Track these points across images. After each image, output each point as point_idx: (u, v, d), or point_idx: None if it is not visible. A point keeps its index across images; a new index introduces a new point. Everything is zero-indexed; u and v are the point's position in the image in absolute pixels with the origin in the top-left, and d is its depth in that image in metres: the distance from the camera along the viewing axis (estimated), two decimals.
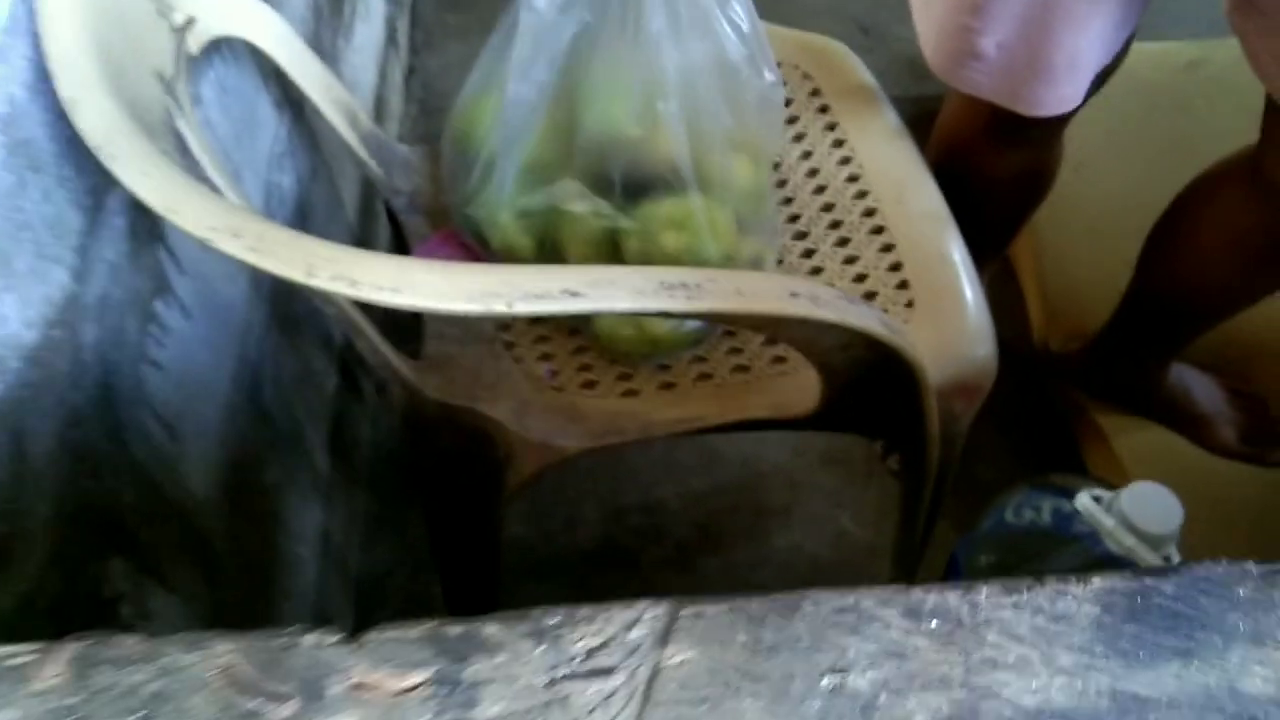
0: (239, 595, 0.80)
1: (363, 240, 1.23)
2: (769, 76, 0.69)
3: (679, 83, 0.69)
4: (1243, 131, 1.44)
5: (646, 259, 0.72)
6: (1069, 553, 0.78)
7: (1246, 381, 1.24)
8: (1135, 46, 1.02)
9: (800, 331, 0.58)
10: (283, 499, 0.93)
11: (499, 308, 0.47)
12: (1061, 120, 1.03)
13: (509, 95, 0.73)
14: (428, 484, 0.83)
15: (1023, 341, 1.33)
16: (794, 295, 0.52)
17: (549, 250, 0.77)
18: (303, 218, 1.00)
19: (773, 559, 1.17)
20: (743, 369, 0.80)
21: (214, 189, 0.61)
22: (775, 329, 0.65)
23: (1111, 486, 0.84)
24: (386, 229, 1.30)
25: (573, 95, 0.74)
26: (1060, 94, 0.89)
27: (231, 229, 0.46)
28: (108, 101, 0.51)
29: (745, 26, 0.66)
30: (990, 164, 1.07)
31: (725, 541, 1.18)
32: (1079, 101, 0.91)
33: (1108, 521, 0.72)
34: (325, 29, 1.15)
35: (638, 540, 1.19)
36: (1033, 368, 1.30)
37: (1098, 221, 1.36)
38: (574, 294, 0.48)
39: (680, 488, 1.22)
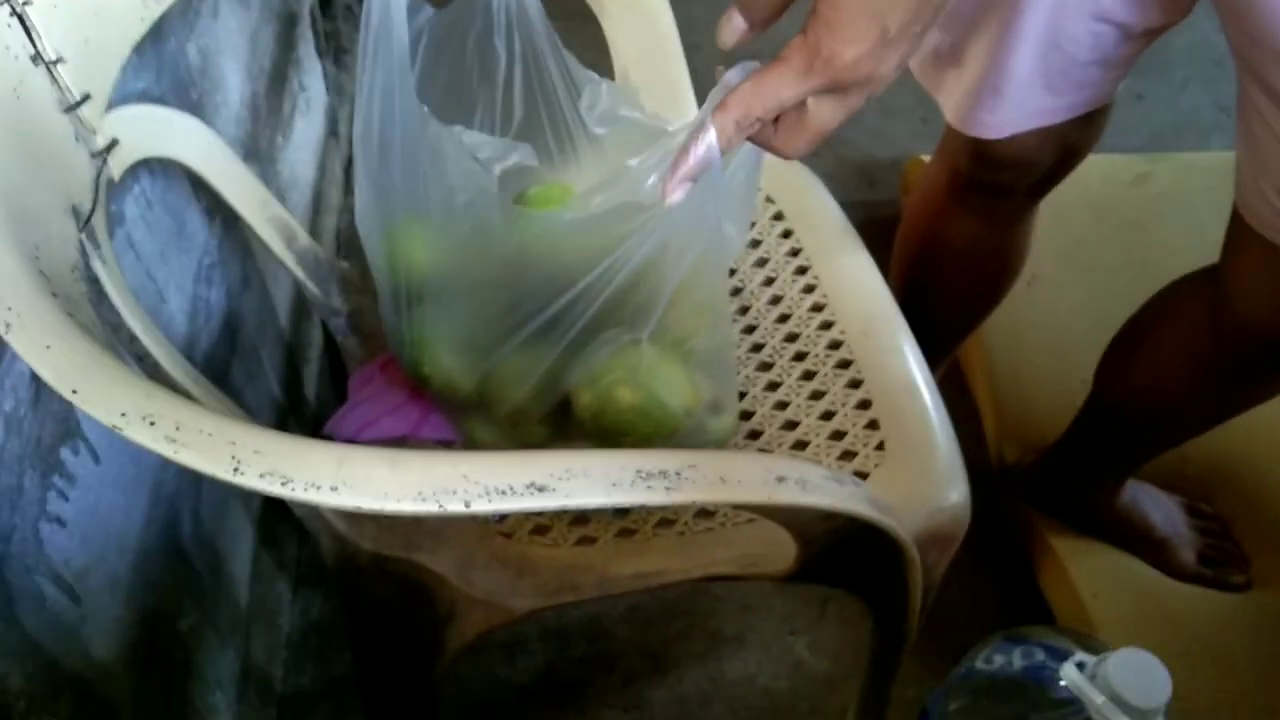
0: None
1: (295, 347, 1.16)
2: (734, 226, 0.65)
3: (642, 224, 0.64)
4: (1192, 246, 1.44)
5: (599, 415, 0.67)
6: (1053, 718, 0.73)
7: (1207, 500, 1.23)
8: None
9: (782, 510, 0.54)
10: (199, 644, 0.85)
11: (455, 508, 0.41)
12: (1018, 199, 1.02)
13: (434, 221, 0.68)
14: (359, 639, 0.76)
15: (980, 456, 1.30)
16: (780, 480, 0.48)
17: (492, 395, 0.71)
18: (231, 333, 0.93)
19: (725, 692, 1.10)
20: (707, 514, 0.75)
21: (132, 337, 0.55)
22: (755, 509, 0.60)
23: (1083, 638, 0.81)
24: (321, 331, 1.24)
25: (520, 230, 0.68)
26: (980, 118, 0.89)
27: (145, 414, 0.40)
28: (8, 256, 0.45)
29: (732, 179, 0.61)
30: (953, 232, 1.07)
31: (676, 671, 1.12)
32: (998, 135, 0.90)
33: (1096, 697, 0.67)
34: (263, 128, 1.09)
35: (583, 670, 1.12)
36: (991, 482, 1.27)
37: (1051, 334, 1.35)
38: (540, 489, 0.43)
39: (629, 611, 1.16)
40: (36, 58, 0.56)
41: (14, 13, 0.54)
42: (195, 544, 0.85)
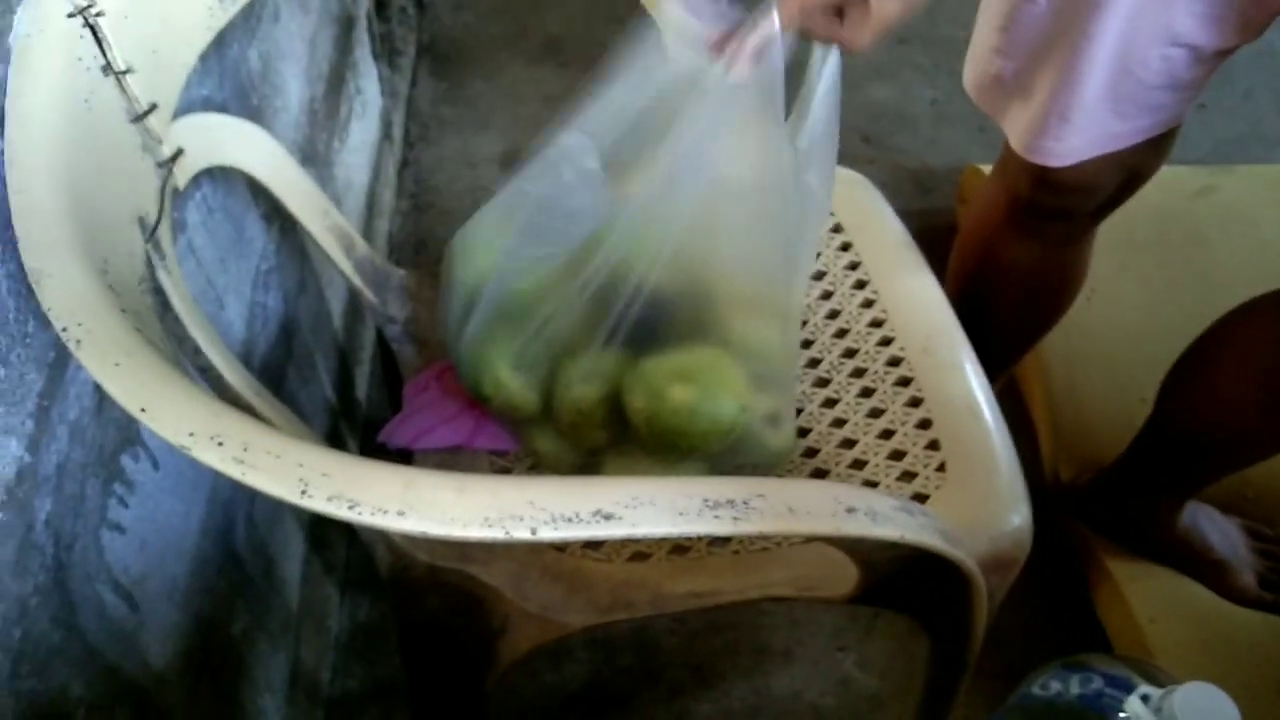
0: None
1: (348, 349, 1.16)
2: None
3: (706, 226, 0.64)
4: (1257, 260, 1.41)
5: (652, 418, 0.66)
6: None
7: (1269, 523, 1.19)
8: None
9: (848, 539, 0.53)
10: (250, 648, 0.85)
11: (521, 534, 0.41)
12: (1079, 222, 1.00)
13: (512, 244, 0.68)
14: (411, 650, 0.76)
15: (1034, 473, 1.28)
16: (850, 511, 0.46)
17: (549, 406, 0.71)
18: (288, 338, 0.94)
19: (771, 708, 1.09)
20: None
21: (196, 349, 0.55)
22: (822, 538, 0.59)
23: (1144, 667, 0.78)
24: (372, 332, 1.24)
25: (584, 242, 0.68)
26: (1047, 145, 0.87)
27: (213, 434, 0.40)
28: (79, 271, 0.45)
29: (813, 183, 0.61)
30: (1011, 253, 1.05)
31: (722, 685, 1.11)
32: (1065, 162, 0.88)
33: None
34: (320, 132, 1.09)
35: (629, 681, 1.11)
36: (1045, 500, 1.25)
37: (1109, 350, 1.32)
38: (607, 516, 0.42)
39: (676, 623, 1.15)
40: (107, 68, 0.56)
41: (86, 24, 0.55)
42: (249, 548, 0.85)
